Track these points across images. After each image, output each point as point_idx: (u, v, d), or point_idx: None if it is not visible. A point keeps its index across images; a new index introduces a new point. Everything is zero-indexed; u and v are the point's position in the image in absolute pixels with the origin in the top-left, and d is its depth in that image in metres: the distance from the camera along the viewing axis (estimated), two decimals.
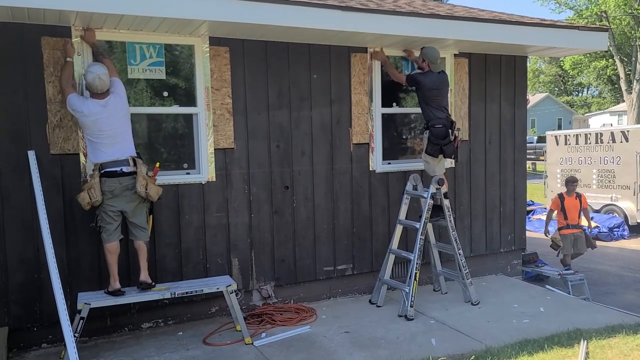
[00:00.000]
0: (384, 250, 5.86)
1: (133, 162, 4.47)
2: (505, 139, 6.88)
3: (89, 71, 4.37)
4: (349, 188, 5.95)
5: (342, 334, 4.90)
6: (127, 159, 4.45)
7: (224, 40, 5.21)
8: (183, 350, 4.59)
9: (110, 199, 4.42)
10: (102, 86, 4.37)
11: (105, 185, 4.38)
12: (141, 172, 4.44)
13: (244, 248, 5.47)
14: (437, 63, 5.61)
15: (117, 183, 4.41)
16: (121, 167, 4.42)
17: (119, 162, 4.41)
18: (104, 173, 4.39)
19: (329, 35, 5.35)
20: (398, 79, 5.82)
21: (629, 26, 30.16)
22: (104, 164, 4.39)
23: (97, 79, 4.33)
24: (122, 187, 4.43)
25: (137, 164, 4.47)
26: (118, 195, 4.43)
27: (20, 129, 4.53)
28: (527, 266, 7.35)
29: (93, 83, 4.34)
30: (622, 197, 11.82)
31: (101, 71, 4.36)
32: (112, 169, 4.40)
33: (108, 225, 4.47)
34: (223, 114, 5.27)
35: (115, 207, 4.45)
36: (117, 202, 4.44)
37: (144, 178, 4.44)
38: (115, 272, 4.52)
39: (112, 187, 4.39)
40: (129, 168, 4.44)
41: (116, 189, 4.41)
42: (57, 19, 4.45)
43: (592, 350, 4.28)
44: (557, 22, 6.84)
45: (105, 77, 4.37)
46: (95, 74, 4.33)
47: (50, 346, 4.72)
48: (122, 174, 4.42)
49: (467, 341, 4.65)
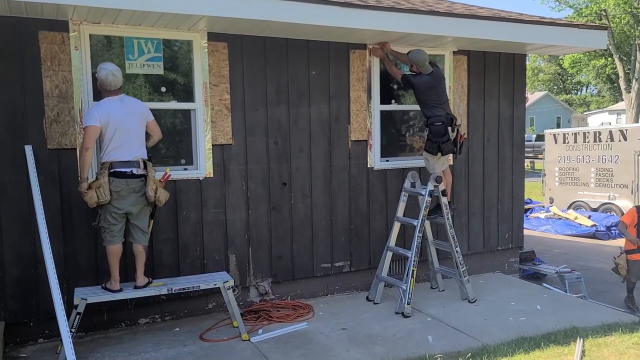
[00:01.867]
0: (381, 247, 5.86)
1: (144, 164, 4.41)
2: (504, 137, 6.88)
3: (101, 68, 4.35)
4: (347, 185, 5.95)
5: (339, 330, 4.91)
6: (138, 160, 4.38)
7: (222, 35, 5.19)
8: (180, 346, 4.59)
9: (116, 199, 4.34)
10: (115, 82, 4.34)
11: (112, 185, 4.30)
12: (152, 176, 4.40)
13: (241, 244, 5.46)
14: (425, 65, 5.52)
15: (125, 184, 4.33)
16: (131, 169, 4.35)
17: (129, 163, 4.34)
18: (112, 173, 4.31)
19: (327, 31, 5.33)
20: (395, 75, 5.79)
21: (629, 25, 30.18)
22: (114, 163, 4.32)
23: (111, 75, 4.31)
24: (129, 189, 4.35)
25: (148, 167, 4.42)
26: (124, 197, 4.35)
27: (17, 123, 4.51)
28: (524, 264, 7.35)
29: (107, 79, 4.31)
30: (620, 195, 11.84)
31: (114, 68, 4.35)
32: (122, 170, 4.32)
33: (112, 227, 4.40)
34: (221, 109, 5.26)
35: (121, 208, 4.37)
36: (122, 204, 4.36)
37: (154, 182, 4.40)
38: (116, 274, 4.46)
39: (119, 187, 4.32)
40: (139, 170, 4.37)
41: (123, 190, 4.33)
42: (55, 13, 4.42)
43: (588, 348, 4.29)
44: (556, 20, 6.83)
45: (118, 73, 4.36)
46: (108, 69, 4.31)
47: (47, 341, 4.72)
48: (132, 175, 4.35)
49: (464, 338, 4.66)
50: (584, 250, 9.95)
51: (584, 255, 9.45)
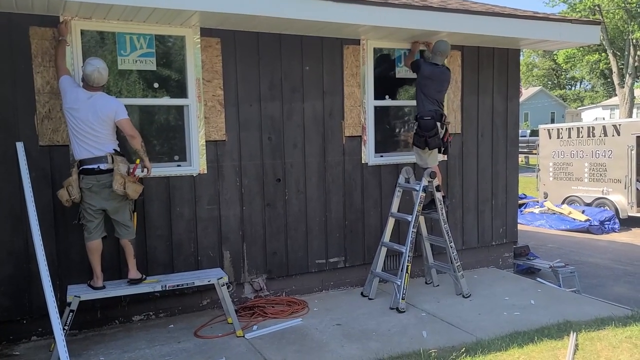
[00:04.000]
0: (376, 242, 5.86)
1: (112, 159, 4.36)
2: (498, 132, 6.89)
3: (89, 63, 4.32)
4: (341, 181, 5.94)
5: (334, 326, 4.91)
6: (106, 155, 4.34)
7: (215, 31, 5.16)
8: (174, 343, 4.58)
9: (89, 196, 4.33)
10: (99, 80, 4.33)
11: (82, 183, 4.30)
12: (118, 170, 4.32)
13: (235, 240, 5.45)
14: (444, 56, 5.76)
15: (95, 180, 4.31)
16: (98, 165, 4.32)
17: (96, 159, 4.31)
18: (82, 170, 4.31)
19: (321, 26, 5.31)
20: (407, 63, 6.00)
21: (622, 20, 30.27)
22: (83, 160, 4.31)
23: (97, 72, 4.28)
24: (100, 185, 4.33)
25: (115, 162, 4.35)
26: (97, 193, 4.33)
27: (8, 119, 4.48)
28: (518, 259, 7.37)
29: (91, 75, 4.28)
30: (614, 190, 11.89)
31: (101, 65, 4.32)
32: (90, 166, 4.31)
33: (89, 224, 4.40)
34: (214, 105, 5.23)
35: (95, 205, 4.36)
36: (96, 200, 4.35)
37: (121, 176, 4.32)
38: (98, 271, 4.45)
39: (89, 184, 4.31)
40: (106, 165, 4.33)
41: (94, 186, 4.32)
42: (46, 9, 4.38)
43: (582, 342, 4.31)
44: (549, 15, 6.84)
45: (104, 72, 4.34)
46: (95, 66, 4.29)
47: (40, 339, 4.69)
48: (100, 171, 4.32)
49: (458, 333, 4.67)
50: (577, 244, 10.00)
51: (578, 249, 9.50)
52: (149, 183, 5.00)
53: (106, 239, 4.56)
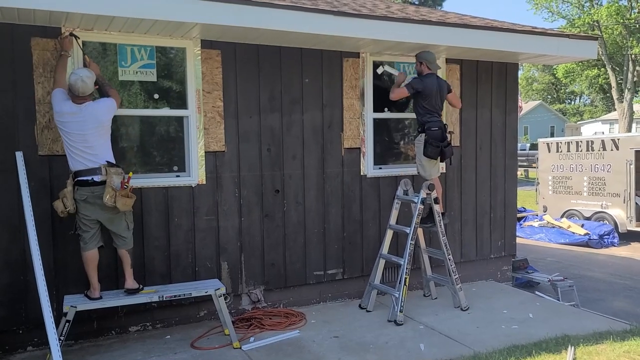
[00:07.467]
0: (374, 254, 5.85)
1: (105, 171, 4.34)
2: (496, 145, 6.91)
3: (73, 72, 4.34)
4: (340, 192, 5.95)
5: (332, 338, 4.88)
6: (100, 167, 4.32)
7: (215, 43, 5.21)
8: (171, 354, 4.55)
9: (84, 207, 4.33)
10: (83, 89, 4.29)
11: (77, 194, 4.30)
12: (110, 183, 4.29)
13: (233, 252, 5.45)
14: (435, 63, 5.68)
15: (89, 192, 4.30)
16: (92, 176, 4.30)
17: (91, 170, 4.30)
18: (77, 182, 4.31)
19: (321, 39, 5.36)
20: (402, 94, 5.64)
21: (621, 36, 30.51)
22: (77, 172, 4.31)
23: (80, 81, 4.26)
24: (94, 196, 4.31)
25: (108, 173, 4.32)
26: (92, 204, 4.33)
27: (8, 129, 4.49)
28: (517, 272, 7.36)
29: (75, 85, 4.27)
30: (613, 204, 11.90)
31: (85, 74, 4.30)
32: (84, 178, 4.30)
33: (84, 234, 4.40)
34: (214, 116, 5.26)
35: (89, 215, 4.36)
36: (90, 211, 4.35)
37: (112, 189, 4.28)
38: (95, 281, 4.44)
39: (84, 195, 4.30)
40: (100, 177, 4.31)
41: (88, 198, 4.31)
42: (48, 20, 4.42)
43: (580, 357, 4.29)
44: (548, 30, 6.89)
45: (88, 80, 4.30)
46: (78, 75, 4.28)
47: (36, 349, 4.66)
48: (94, 183, 4.30)
49: (456, 347, 4.65)
50: (576, 258, 9.99)
51: (577, 263, 9.48)
52: (148, 193, 5.01)
53: (103, 249, 4.56)
